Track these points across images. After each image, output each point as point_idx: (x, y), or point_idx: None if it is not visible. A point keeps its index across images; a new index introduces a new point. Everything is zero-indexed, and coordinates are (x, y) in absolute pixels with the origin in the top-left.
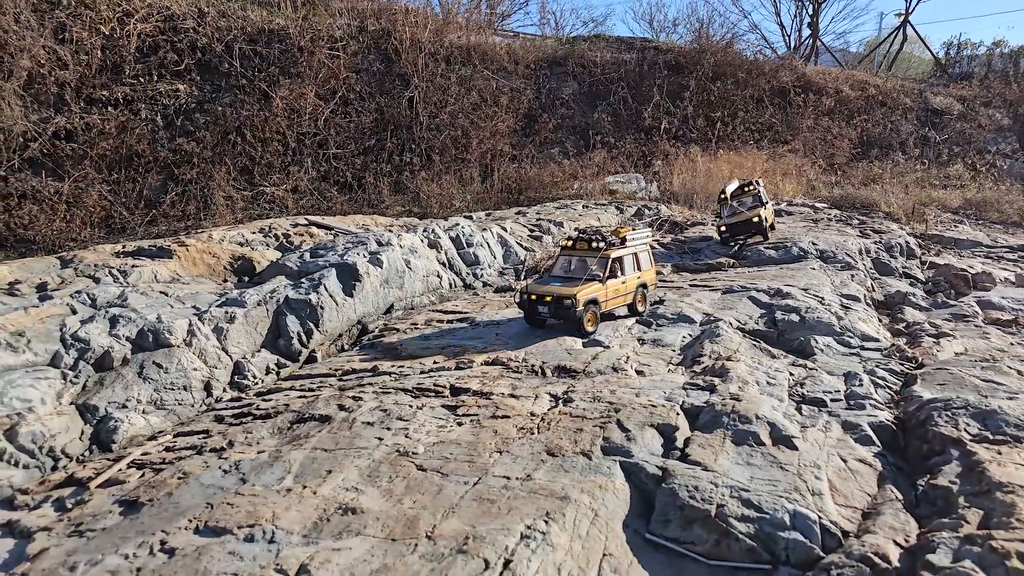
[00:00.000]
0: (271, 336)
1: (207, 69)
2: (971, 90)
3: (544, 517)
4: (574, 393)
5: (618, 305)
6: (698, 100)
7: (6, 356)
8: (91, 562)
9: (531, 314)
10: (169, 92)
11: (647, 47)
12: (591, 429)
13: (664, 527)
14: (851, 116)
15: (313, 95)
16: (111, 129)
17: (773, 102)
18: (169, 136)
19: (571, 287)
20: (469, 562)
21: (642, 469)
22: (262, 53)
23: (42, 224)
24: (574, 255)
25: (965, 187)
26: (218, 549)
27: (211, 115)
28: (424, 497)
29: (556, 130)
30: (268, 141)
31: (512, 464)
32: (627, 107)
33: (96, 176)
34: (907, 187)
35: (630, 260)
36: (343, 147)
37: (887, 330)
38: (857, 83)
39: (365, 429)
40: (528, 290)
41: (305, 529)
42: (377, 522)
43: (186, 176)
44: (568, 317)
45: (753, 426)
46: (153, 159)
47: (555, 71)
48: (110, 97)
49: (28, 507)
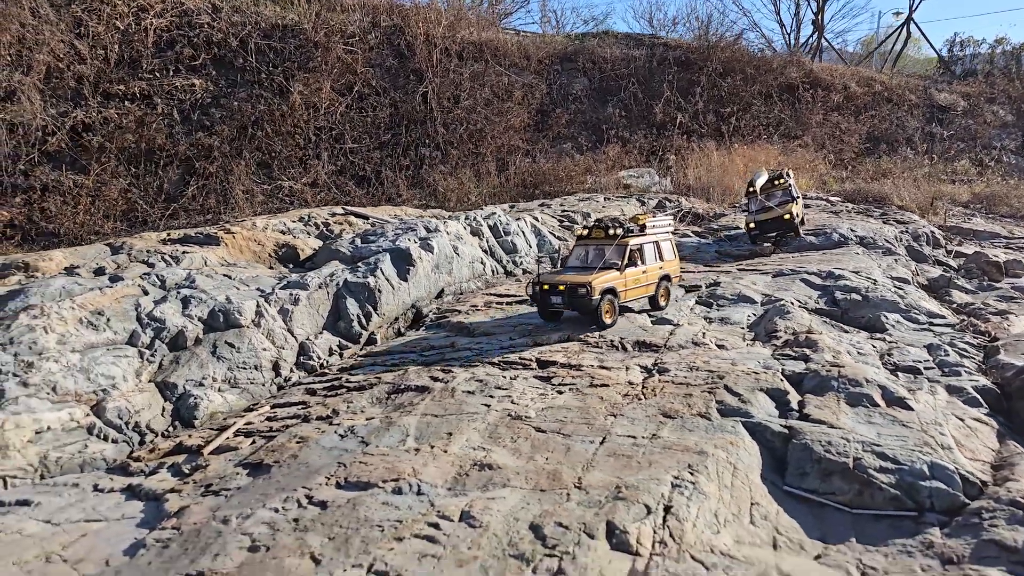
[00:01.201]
0: (331, 318)
1: (222, 64)
2: (975, 87)
3: (688, 469)
4: (666, 364)
5: (638, 296)
6: (708, 96)
7: (88, 334)
8: (242, 516)
9: (544, 306)
10: (185, 87)
11: (655, 43)
12: (700, 394)
13: (801, 480)
14: (858, 112)
15: (329, 90)
16: (129, 123)
17: (782, 98)
18: (186, 131)
19: (586, 275)
20: (631, 507)
21: (767, 428)
22: (277, 48)
23: (65, 217)
24: (590, 244)
25: (972, 182)
26: (370, 500)
27: (227, 110)
28: (555, 455)
29: (569, 125)
30: (285, 136)
31: (631, 425)
32: (638, 103)
33: (116, 170)
34: (916, 181)
35: (651, 249)
36: (359, 141)
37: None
38: (863, 80)
39: (468, 397)
40: (541, 280)
41: (447, 483)
42: (518, 476)
43: (206, 170)
44: (584, 307)
45: (864, 389)
46: (172, 153)
47: (565, 67)
48: (127, 92)
49: (144, 473)
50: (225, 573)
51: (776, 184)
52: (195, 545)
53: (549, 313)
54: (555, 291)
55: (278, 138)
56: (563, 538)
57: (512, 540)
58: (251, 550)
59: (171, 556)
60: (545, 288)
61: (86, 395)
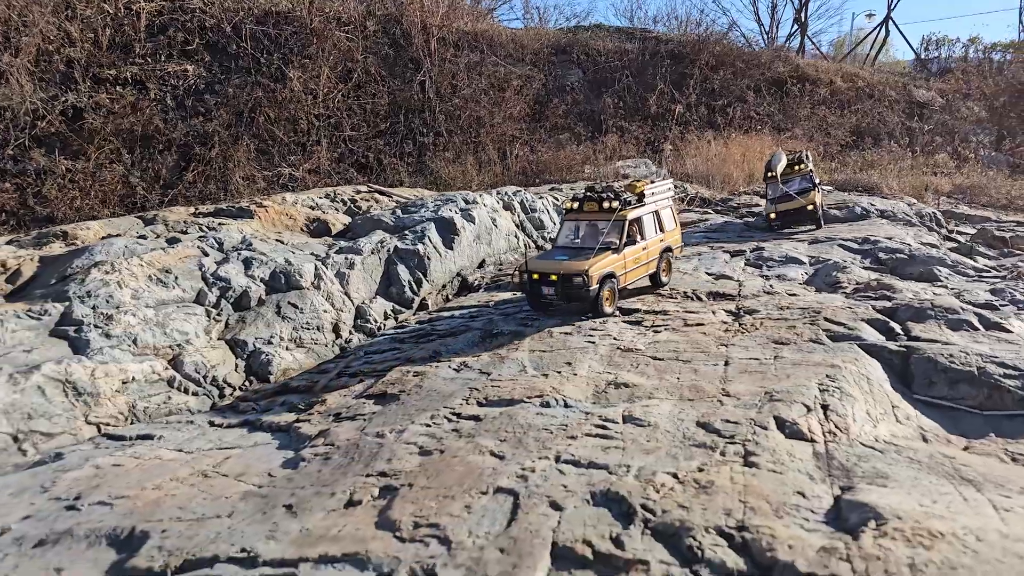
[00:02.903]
0: (383, 284)
1: (216, 50)
2: (951, 85)
3: (828, 379)
4: (751, 307)
5: (639, 277)
6: (701, 88)
7: (159, 291)
8: (395, 431)
9: (535, 296)
10: (178, 72)
11: (647, 37)
12: (804, 326)
13: (929, 388)
14: (843, 107)
15: (327, 77)
16: (121, 109)
17: (770, 92)
18: (181, 116)
19: (581, 260)
20: (791, 406)
21: (883, 348)
22: (271, 35)
23: (60, 203)
24: (582, 219)
25: (952, 175)
26: (523, 412)
27: (222, 96)
28: (684, 376)
29: (566, 116)
30: (284, 122)
31: (748, 351)
32: (632, 94)
33: (110, 156)
34: (900, 173)
35: (650, 220)
36: (357, 129)
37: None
38: (847, 75)
39: (567, 337)
40: (528, 267)
41: (590, 399)
42: (657, 391)
43: (205, 156)
44: (581, 298)
45: (961, 316)
46: (168, 139)
47: (560, 59)
48: (119, 76)
49: (255, 411)
50: (409, 471)
51: (795, 169)
52: (360, 455)
53: (540, 304)
54: (546, 280)
55: (277, 125)
56: (737, 430)
57: (686, 435)
58: (423, 454)
59: (339, 464)
60: (535, 277)
61: (163, 349)
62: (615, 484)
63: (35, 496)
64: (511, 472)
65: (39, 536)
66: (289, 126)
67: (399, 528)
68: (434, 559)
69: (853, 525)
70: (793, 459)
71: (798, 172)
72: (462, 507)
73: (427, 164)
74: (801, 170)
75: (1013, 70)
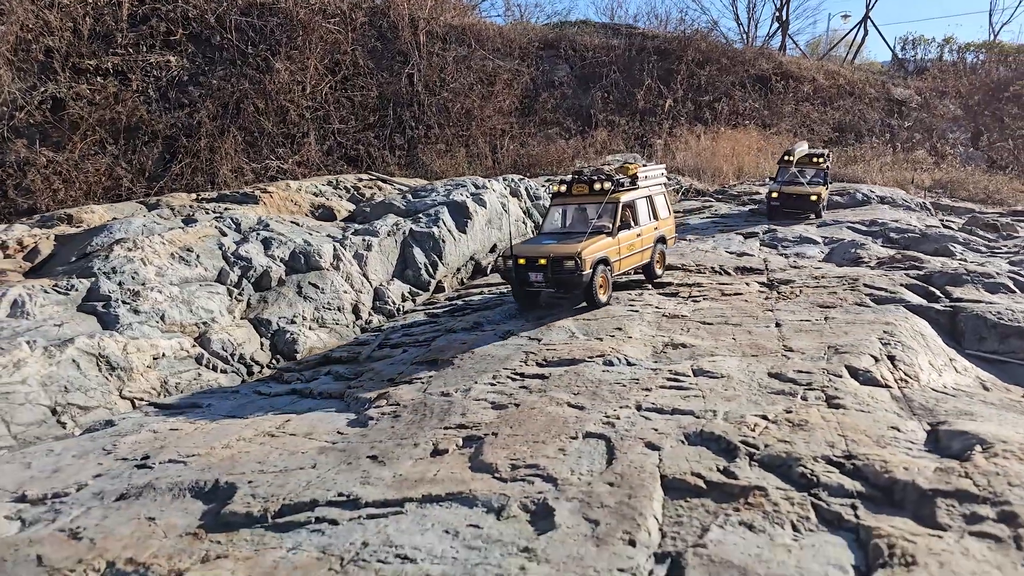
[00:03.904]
0: (399, 267)
1: (199, 41)
2: (928, 83)
3: (887, 334)
4: (784, 278)
5: (632, 266)
6: (687, 84)
7: (182, 269)
8: (461, 390)
9: (521, 285)
10: (161, 63)
11: (633, 33)
12: (844, 292)
13: (980, 344)
14: (825, 103)
15: (313, 69)
16: (103, 100)
17: (755, 88)
18: (165, 108)
19: (572, 243)
20: (860, 357)
21: (929, 308)
22: (256, 26)
23: (43, 194)
24: (571, 203)
25: (931, 170)
26: (588, 370)
27: (206, 88)
28: (740, 336)
29: (555, 110)
30: (270, 114)
31: (795, 315)
32: (620, 89)
33: (93, 147)
34: (882, 168)
35: (644, 205)
36: (345, 122)
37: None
38: (829, 73)
39: (608, 307)
40: (514, 252)
41: (649, 359)
42: (718, 350)
43: (193, 148)
44: (573, 284)
45: (996, 280)
46: (152, 131)
47: (548, 54)
48: (100, 67)
49: (301, 380)
50: (488, 423)
51: (814, 162)
52: (431, 412)
53: (526, 295)
54: (534, 266)
55: (265, 116)
56: (812, 378)
57: (761, 384)
58: (497, 408)
59: (411, 421)
60: (521, 263)
61: (189, 326)
62: (707, 426)
63: (100, 457)
64: (595, 420)
65: (118, 491)
66: (277, 118)
67: (497, 470)
68: (543, 494)
69: (959, 451)
70: (876, 401)
71: (815, 164)
72: (556, 450)
73: (418, 157)
74: (819, 163)
75: (986, 69)
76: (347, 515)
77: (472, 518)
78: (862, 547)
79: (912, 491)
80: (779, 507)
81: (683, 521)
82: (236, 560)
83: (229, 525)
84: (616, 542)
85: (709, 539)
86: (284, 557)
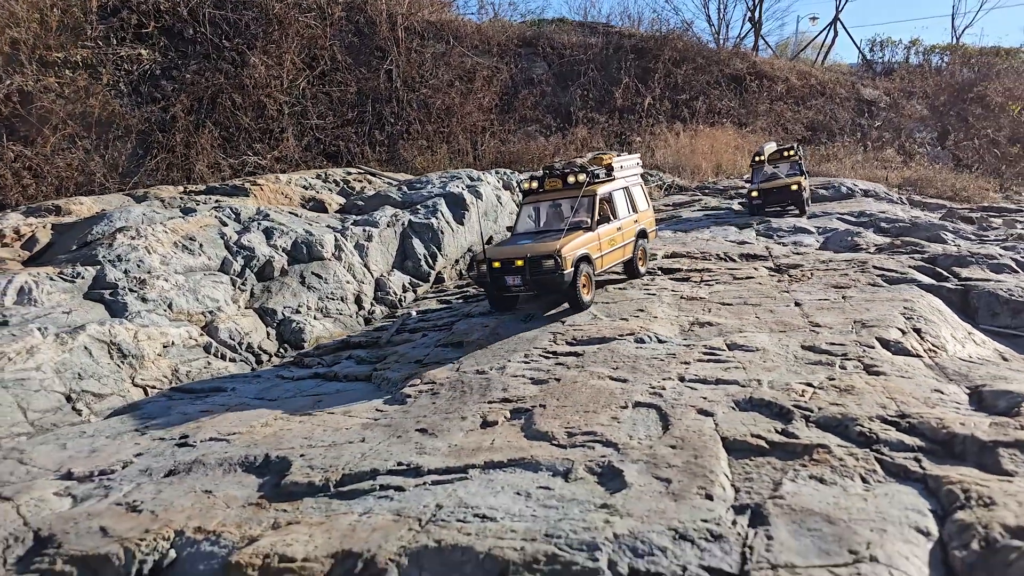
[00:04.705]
0: (399, 258)
1: (171, 35)
2: (895, 84)
3: (907, 309)
4: (791, 263)
5: (614, 263)
6: (664, 83)
7: (186, 258)
8: (495, 368)
9: (497, 289)
10: (132, 57)
11: (610, 32)
12: (855, 273)
13: (993, 319)
14: (798, 103)
15: (289, 64)
16: (71, 93)
17: (730, 87)
18: (137, 102)
19: (550, 242)
20: (888, 330)
21: (941, 287)
22: (231, 19)
23: (12, 189)
24: (543, 200)
25: (900, 169)
26: (621, 347)
27: (179, 82)
28: (763, 315)
29: (534, 108)
30: (247, 109)
31: (812, 295)
32: (598, 87)
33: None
34: (854, 166)
35: (622, 197)
36: (323, 117)
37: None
38: (801, 73)
39: (623, 291)
40: (488, 255)
41: (678, 336)
42: (745, 327)
43: (168, 143)
44: (554, 285)
45: (1000, 261)
46: (125, 126)
47: (526, 52)
48: (68, 59)
49: (322, 365)
50: (532, 396)
51: (786, 155)
52: (470, 389)
53: (504, 300)
54: (510, 268)
55: (241, 111)
56: (846, 349)
57: (796, 356)
58: (537, 383)
59: (451, 397)
60: (496, 266)
61: (196, 315)
62: (755, 393)
63: (135, 438)
64: (641, 391)
65: (166, 467)
66: (254, 113)
67: (554, 437)
68: (606, 457)
69: (1006, 408)
70: (913, 369)
71: (788, 158)
72: (609, 419)
73: (399, 153)
74: (791, 156)
75: (951, 71)
76: (412, 482)
77: (540, 481)
78: (932, 494)
79: (972, 443)
80: (844, 462)
81: (753, 478)
82: (309, 525)
83: (292, 495)
84: (693, 497)
85: (784, 491)
86: (359, 520)
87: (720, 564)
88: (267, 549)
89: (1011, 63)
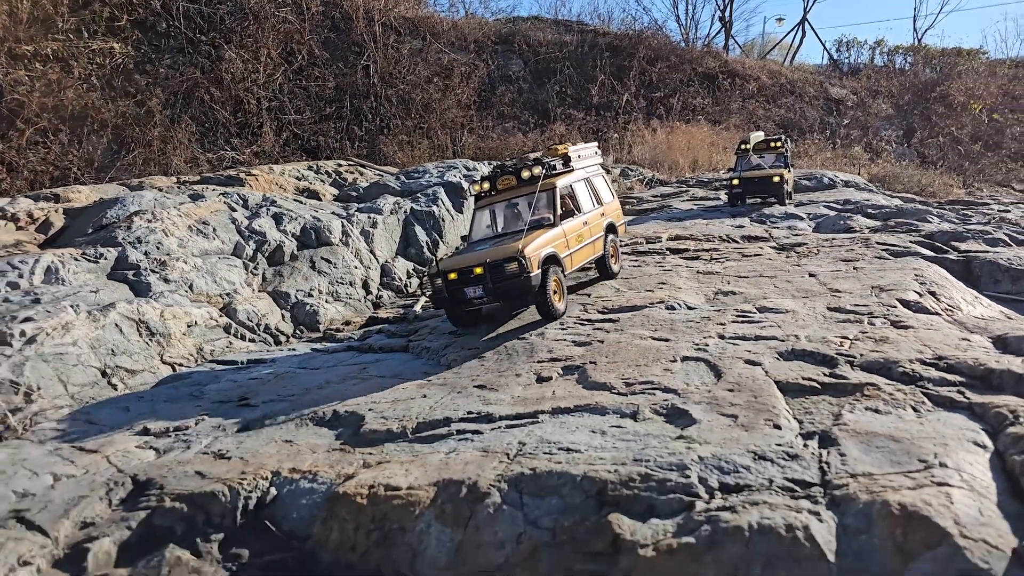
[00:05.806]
0: (402, 244)
1: (144, 28)
2: (862, 83)
3: (918, 275)
4: (795, 241)
5: (585, 261)
6: (639, 80)
7: (202, 241)
8: (535, 333)
9: (455, 304)
10: (104, 50)
11: (585, 30)
12: (860, 249)
13: (995, 286)
14: (768, 101)
15: (266, 60)
16: (42, 86)
17: (703, 85)
18: (110, 96)
19: (511, 243)
20: (907, 292)
21: (944, 258)
22: (205, 13)
23: None
24: (498, 202)
25: (867, 166)
26: (654, 313)
27: (153, 76)
28: (781, 286)
29: (512, 104)
30: (223, 104)
31: (822, 268)
32: (574, 85)
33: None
34: (824, 164)
35: (583, 189)
36: (301, 112)
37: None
38: (771, 72)
39: (636, 268)
40: (441, 268)
41: (706, 304)
42: (765, 295)
43: (144, 137)
44: (521, 291)
45: (994, 236)
46: (100, 120)
47: (502, 49)
48: (38, 52)
49: (354, 339)
50: (579, 355)
51: (772, 146)
52: (516, 352)
53: (466, 315)
54: (468, 278)
55: (218, 106)
56: (871, 309)
57: (825, 316)
58: (581, 345)
59: (500, 359)
60: (452, 278)
61: (215, 297)
62: (796, 345)
63: (194, 401)
64: (686, 347)
65: (238, 424)
66: (232, 108)
67: (613, 387)
68: (668, 401)
69: None
70: (936, 323)
71: (773, 148)
72: (661, 370)
73: (379, 148)
74: (777, 147)
75: (914, 71)
76: (487, 427)
77: (611, 422)
78: (979, 418)
79: (1009, 376)
80: (895, 396)
81: (812, 412)
82: (401, 463)
83: (372, 441)
84: (762, 427)
85: (845, 420)
86: (448, 457)
87: (803, 476)
88: (370, 481)
89: (971, 64)
